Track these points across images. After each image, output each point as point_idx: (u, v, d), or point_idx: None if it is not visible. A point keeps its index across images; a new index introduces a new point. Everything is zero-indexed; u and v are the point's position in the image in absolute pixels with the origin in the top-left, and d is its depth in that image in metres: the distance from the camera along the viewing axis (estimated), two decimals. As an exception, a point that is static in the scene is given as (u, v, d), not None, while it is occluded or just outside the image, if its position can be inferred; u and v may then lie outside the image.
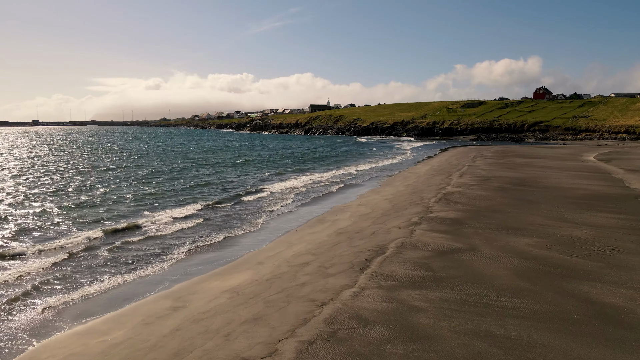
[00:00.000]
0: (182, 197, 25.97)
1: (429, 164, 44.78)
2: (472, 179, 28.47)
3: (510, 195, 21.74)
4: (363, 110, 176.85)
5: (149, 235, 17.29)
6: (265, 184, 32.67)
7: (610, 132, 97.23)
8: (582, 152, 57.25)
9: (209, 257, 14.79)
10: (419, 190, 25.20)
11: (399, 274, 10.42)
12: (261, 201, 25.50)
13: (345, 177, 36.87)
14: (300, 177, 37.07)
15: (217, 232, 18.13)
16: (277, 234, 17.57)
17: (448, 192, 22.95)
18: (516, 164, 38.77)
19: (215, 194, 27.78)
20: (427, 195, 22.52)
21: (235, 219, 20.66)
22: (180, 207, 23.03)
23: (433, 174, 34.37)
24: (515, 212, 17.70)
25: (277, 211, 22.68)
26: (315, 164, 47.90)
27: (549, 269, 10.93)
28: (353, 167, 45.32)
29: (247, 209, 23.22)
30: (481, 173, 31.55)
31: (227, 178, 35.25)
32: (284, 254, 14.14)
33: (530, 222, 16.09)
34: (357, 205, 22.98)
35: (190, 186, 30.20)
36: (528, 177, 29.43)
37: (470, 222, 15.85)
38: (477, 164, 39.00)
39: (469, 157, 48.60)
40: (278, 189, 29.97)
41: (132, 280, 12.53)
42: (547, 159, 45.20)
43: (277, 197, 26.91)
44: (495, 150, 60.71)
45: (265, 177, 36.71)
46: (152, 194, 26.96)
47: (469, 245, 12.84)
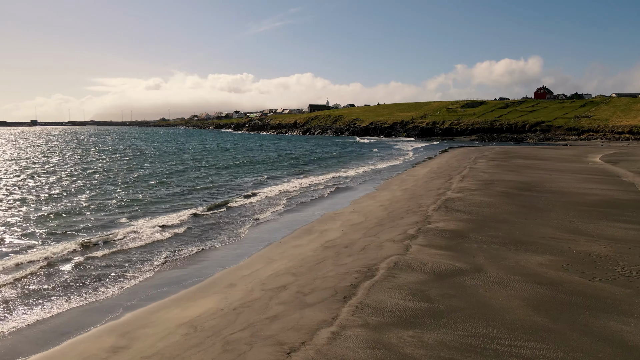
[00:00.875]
0: (168, 204, 24.17)
1: (428, 166, 43.00)
2: (473, 182, 26.70)
3: (515, 202, 19.96)
4: (362, 110, 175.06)
5: (120, 249, 15.52)
6: (257, 187, 30.88)
7: (613, 133, 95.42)
8: (586, 153, 55.48)
9: (177, 275, 13.02)
10: (417, 196, 23.41)
11: (389, 306, 8.64)
12: (250, 207, 23.72)
13: (342, 180, 35.10)
14: (295, 180, 35.31)
15: (194, 244, 16.37)
16: (258, 247, 15.80)
17: (448, 198, 21.17)
18: (519, 166, 37.00)
19: (204, 199, 26.01)
20: (425, 202, 20.74)
21: (217, 229, 18.89)
22: (164, 215, 21.27)
23: (432, 177, 32.59)
24: (523, 222, 15.92)
25: (264, 219, 20.92)
26: (312, 166, 46.10)
27: (569, 297, 9.15)
28: (350, 170, 43.56)
29: (233, 216, 21.45)
30: (483, 176, 29.77)
31: (220, 181, 33.45)
32: (261, 273, 12.36)
33: (540, 234, 14.31)
34: (349, 212, 21.20)
35: (179, 191, 28.39)
36: (533, 180, 27.65)
37: (473, 235, 14.07)
38: (479, 166, 37.22)
39: (470, 158, 46.82)
40: (270, 193, 28.20)
41: (80, 306, 10.76)
42: (551, 161, 43.43)
43: (267, 203, 25.16)
44: (496, 151, 58.93)
45: (259, 180, 34.93)
46: (137, 200, 25.15)
47: (472, 266, 11.07)
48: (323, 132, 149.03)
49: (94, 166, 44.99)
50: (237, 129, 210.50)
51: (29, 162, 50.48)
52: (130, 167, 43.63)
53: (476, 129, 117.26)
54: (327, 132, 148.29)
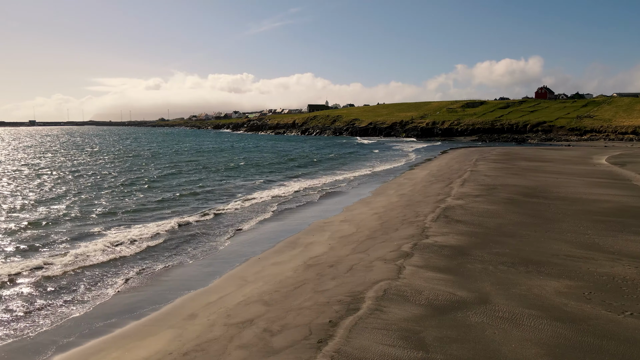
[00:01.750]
0: (150, 212, 22.32)
1: (428, 168, 41.21)
2: (475, 187, 24.91)
3: (522, 211, 18.17)
4: (361, 110, 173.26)
5: (79, 267, 13.71)
6: (249, 192, 29.02)
7: (616, 133, 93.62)
8: (591, 155, 53.67)
9: (133, 301, 11.23)
10: (414, 203, 21.61)
11: (373, 356, 6.85)
12: (236, 215, 21.90)
13: (337, 184, 33.28)
14: (289, 183, 33.47)
15: (164, 260, 14.59)
16: (233, 264, 14.01)
17: (448, 205, 19.37)
18: (523, 169, 35.21)
19: (190, 206, 24.17)
20: (423, 210, 18.94)
21: (194, 241, 17.09)
22: (142, 225, 19.49)
23: (431, 180, 30.80)
24: (533, 236, 14.13)
25: (248, 229, 19.13)
26: (308, 169, 44.21)
27: (598, 341, 7.36)
28: (347, 172, 41.78)
29: (216, 225, 19.66)
30: (485, 180, 27.98)
31: (211, 186, 31.58)
32: (229, 300, 10.58)
33: (553, 251, 12.52)
34: (340, 221, 19.40)
35: (166, 197, 26.46)
36: (539, 185, 25.86)
37: (476, 253, 12.28)
38: (480, 169, 35.43)
39: (471, 160, 45.03)
40: (261, 199, 26.34)
41: (5, 345, 8.95)
42: (555, 163, 41.64)
43: (255, 209, 23.36)
44: (498, 152, 57.13)
45: (252, 184, 33.10)
46: (119, 207, 23.28)
47: (477, 295, 9.28)
48: (321, 133, 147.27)
49: (82, 169, 43.17)
50: (235, 129, 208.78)
51: (16, 165, 48.69)
52: (120, 170, 41.78)
53: (477, 129, 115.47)
54: (326, 132, 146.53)
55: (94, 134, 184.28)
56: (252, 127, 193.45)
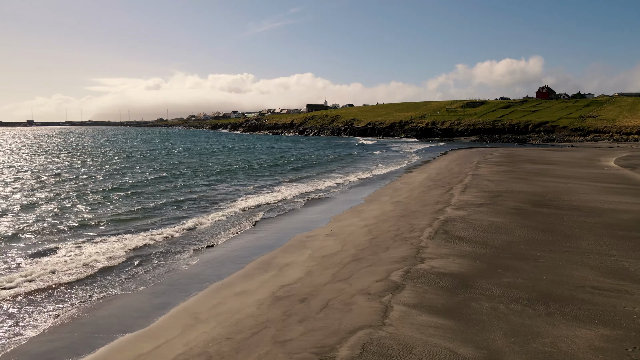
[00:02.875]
0: (120, 226, 19.80)
1: (426, 171, 38.87)
2: (478, 194, 22.57)
3: (533, 224, 15.84)
4: (360, 110, 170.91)
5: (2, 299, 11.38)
6: (235, 199, 26.45)
7: (621, 134, 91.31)
8: (597, 156, 51.34)
9: (46, 349, 8.90)
10: (409, 213, 19.26)
11: None
12: (213, 227, 19.47)
13: (330, 190, 30.93)
14: (279, 189, 30.92)
15: (109, 288, 12.25)
16: (189, 293, 11.67)
17: (448, 217, 17.03)
18: (528, 173, 32.87)
19: (169, 216, 21.75)
20: (419, 223, 16.60)
21: (155, 262, 14.72)
22: (105, 240, 17.16)
23: (430, 185, 28.46)
24: (549, 259, 11.80)
25: (221, 244, 16.80)
26: (302, 172, 41.60)
27: None
28: (342, 176, 39.43)
29: (186, 241, 17.29)
30: (489, 186, 25.64)
31: (197, 192, 28.86)
32: (166, 353, 8.24)
33: (577, 280, 10.20)
34: (325, 235, 17.07)
35: (146, 206, 23.76)
36: (548, 191, 23.53)
37: (482, 284, 9.96)
38: (483, 172, 33.10)
39: (472, 162, 42.69)
40: (246, 207, 23.84)
41: None
42: (561, 165, 39.32)
43: (236, 220, 20.96)
44: (500, 154, 54.80)
45: (241, 189, 30.55)
46: (93, 218, 20.76)
47: (487, 354, 6.95)
48: (319, 133, 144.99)
49: (66, 172, 40.70)
50: (233, 129, 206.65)
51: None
52: (106, 174, 39.24)
53: (477, 130, 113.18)
54: (324, 132, 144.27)
55: (90, 135, 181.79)
56: (250, 127, 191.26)
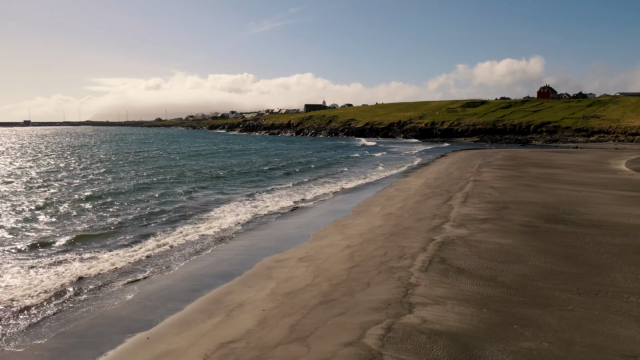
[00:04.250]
0: (73, 246, 16.63)
1: (424, 176, 35.99)
2: (481, 206, 19.70)
3: (550, 248, 12.97)
4: (358, 110, 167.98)
5: None
6: (211, 210, 23.33)
7: (626, 134, 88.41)
8: (606, 159, 48.48)
9: None
10: (401, 230, 16.37)
11: None
12: (174, 249, 16.48)
13: (317, 198, 28.04)
14: (263, 198, 27.50)
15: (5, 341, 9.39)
16: (95, 355, 8.78)
17: (446, 238, 14.15)
18: (535, 178, 29.99)
19: (132, 231, 18.76)
20: (411, 246, 13.72)
21: (87, 295, 11.97)
22: (45, 264, 14.49)
23: (427, 193, 25.58)
24: (579, 304, 8.93)
25: (170, 273, 13.92)
26: (292, 178, 37.99)
27: None
28: (334, 182, 36.53)
29: (138, 266, 14.49)
30: (493, 195, 22.75)
31: (173, 202, 25.24)
32: None
33: (625, 345, 7.33)
34: (298, 259, 14.19)
35: (112, 221, 20.52)
36: (560, 201, 20.66)
37: (493, 351, 7.08)
38: (485, 178, 30.22)
39: (473, 166, 39.79)
40: (219, 221, 20.89)
41: None
42: (570, 169, 36.44)
43: (203, 238, 18.04)
44: (503, 156, 51.90)
45: (220, 199, 27.07)
46: (43, 237, 17.74)
47: None
48: (317, 133, 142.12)
49: (46, 177, 37.63)
50: (230, 130, 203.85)
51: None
52: (86, 179, 35.98)
53: (478, 130, 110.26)
54: (321, 132, 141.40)
55: (86, 135, 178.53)
56: (247, 127, 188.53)
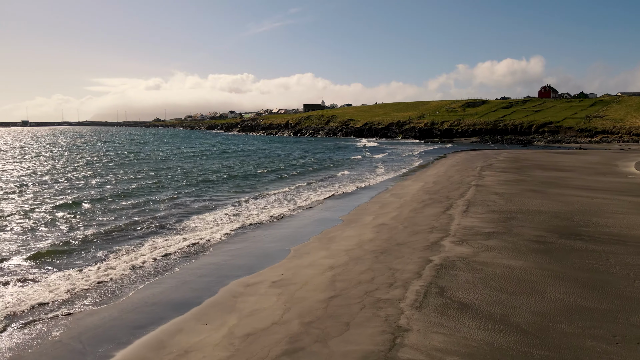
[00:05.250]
0: (37, 261, 14.79)
1: (422, 179, 33.84)
2: (485, 216, 17.56)
3: (570, 273, 10.84)
4: (357, 110, 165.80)
5: None
6: (187, 220, 21.15)
7: (631, 134, 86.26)
8: (613, 160, 46.33)
9: None
10: (393, 247, 14.22)
11: None
12: (130, 271, 14.32)
13: (306, 206, 25.95)
14: (248, 206, 25.12)
15: None
16: None
17: (445, 259, 12.01)
18: (541, 182, 27.85)
19: (91, 249, 16.52)
20: (404, 269, 11.59)
21: (6, 337, 9.81)
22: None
23: (425, 200, 23.44)
24: (619, 357, 6.82)
25: (118, 302, 11.84)
26: (282, 183, 35.04)
27: None
28: (327, 187, 34.37)
29: (82, 295, 12.42)
30: (497, 202, 20.61)
31: (149, 213, 22.52)
32: None
33: None
34: (271, 284, 12.06)
35: (76, 236, 18.17)
36: (573, 210, 18.53)
37: None
38: (488, 182, 28.08)
39: (475, 168, 37.64)
40: (194, 233, 18.74)
41: None
42: (577, 172, 34.30)
43: (169, 256, 15.96)
44: (505, 157, 49.73)
45: (202, 208, 24.50)
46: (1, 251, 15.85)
47: None
48: (315, 134, 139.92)
49: (28, 181, 35.24)
50: (228, 130, 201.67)
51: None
52: (70, 184, 33.57)
53: (478, 130, 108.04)
54: (319, 133, 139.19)
55: (82, 135, 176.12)
56: (245, 127, 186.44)
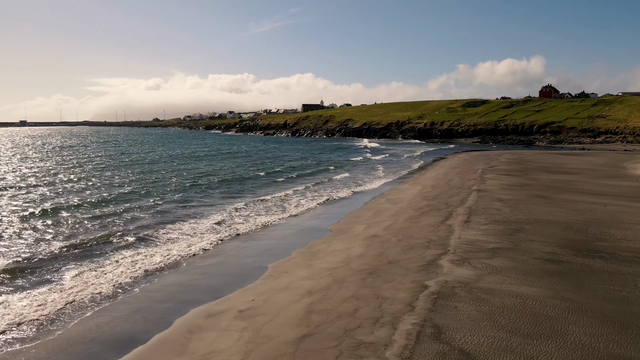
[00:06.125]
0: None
1: (420, 182, 31.94)
2: (488, 227, 15.67)
3: (594, 305, 8.94)
4: (356, 110, 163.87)
5: None
6: (168, 231, 19.08)
7: (635, 135, 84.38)
8: (620, 162, 44.46)
9: None
10: (384, 266, 12.32)
11: None
12: (82, 297, 12.56)
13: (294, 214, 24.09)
14: (233, 213, 22.95)
15: None
16: None
17: (443, 286, 10.11)
18: (548, 187, 25.96)
19: (57, 266, 14.55)
20: (394, 298, 9.69)
21: None
22: None
23: (422, 206, 21.53)
24: None
25: (34, 346, 9.97)
26: (272, 188, 32.62)
27: None
28: (319, 192, 32.48)
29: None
30: (502, 211, 18.71)
31: (130, 221, 20.36)
32: None
33: None
34: (235, 316, 10.15)
35: (46, 250, 16.15)
36: (586, 220, 16.64)
37: None
38: (490, 187, 26.18)
39: (476, 171, 35.74)
40: (168, 249, 16.74)
41: None
42: (584, 175, 32.42)
43: (128, 279, 14.23)
44: (507, 159, 47.81)
45: (188, 214, 22.61)
46: None
47: None
48: (313, 134, 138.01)
49: (5, 186, 33.34)
50: (226, 130, 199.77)
51: None
52: (50, 189, 31.10)
53: (479, 130, 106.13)
54: (317, 133, 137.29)
55: (79, 135, 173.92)
56: (243, 127, 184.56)
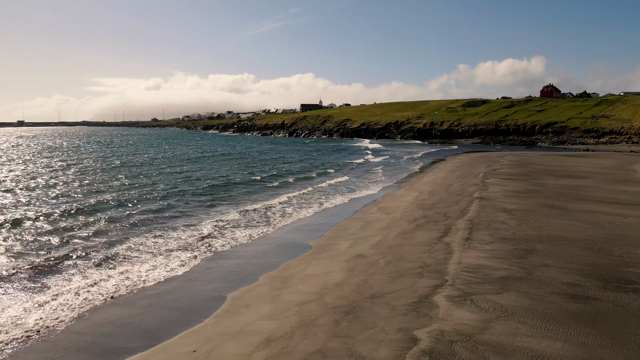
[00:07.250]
0: None
1: (416, 188, 29.57)
2: (493, 248, 13.30)
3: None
4: (354, 110, 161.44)
5: None
6: (128, 249, 16.80)
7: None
8: (629, 164, 42.07)
9: None
10: (365, 303, 9.94)
11: None
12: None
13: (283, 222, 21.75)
14: (209, 226, 20.85)
15: None
16: None
17: (437, 341, 7.72)
18: (558, 194, 23.58)
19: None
20: (374, 356, 7.33)
21: None
22: None
23: (417, 218, 19.15)
24: None
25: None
26: (258, 195, 29.87)
27: None
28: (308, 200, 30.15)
29: None
30: (508, 224, 16.33)
31: (94, 236, 18.20)
32: None
33: None
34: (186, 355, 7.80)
35: (23, 265, 14.35)
36: (607, 236, 14.28)
37: None
38: (493, 194, 23.80)
39: (477, 175, 33.34)
40: (118, 274, 14.47)
41: None
42: (594, 180, 30.03)
43: (50, 317, 11.89)
44: (510, 161, 45.40)
45: (158, 228, 20.10)
46: None
47: None
48: (310, 134, 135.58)
49: None
50: (224, 130, 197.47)
51: None
52: (24, 194, 29.03)
53: (479, 131, 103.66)
54: (315, 133, 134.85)
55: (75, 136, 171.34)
56: (241, 128, 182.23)
